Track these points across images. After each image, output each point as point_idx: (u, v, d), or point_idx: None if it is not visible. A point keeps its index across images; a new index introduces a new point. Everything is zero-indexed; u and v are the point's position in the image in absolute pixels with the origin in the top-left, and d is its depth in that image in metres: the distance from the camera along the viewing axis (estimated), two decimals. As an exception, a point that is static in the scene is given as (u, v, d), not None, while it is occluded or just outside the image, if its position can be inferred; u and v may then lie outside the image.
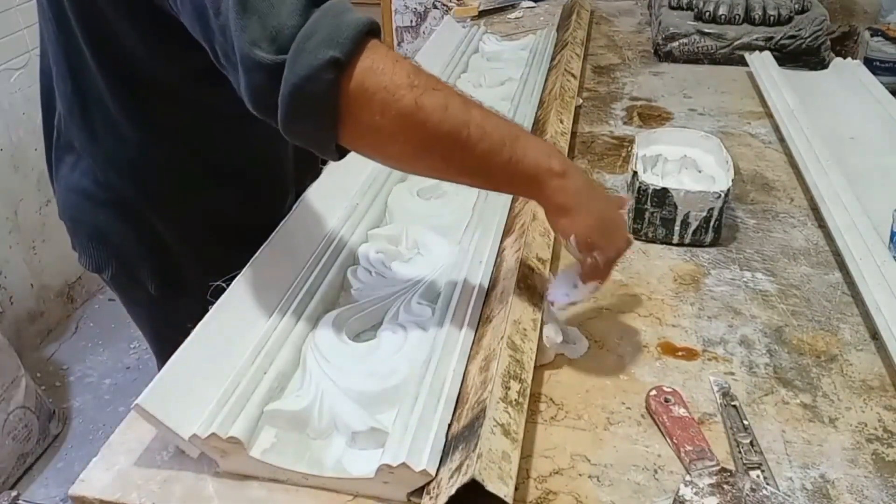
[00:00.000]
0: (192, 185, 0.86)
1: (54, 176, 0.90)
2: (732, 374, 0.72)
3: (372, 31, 0.57)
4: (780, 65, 1.39)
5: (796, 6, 1.52)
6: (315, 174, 0.96)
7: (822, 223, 0.96)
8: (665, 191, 0.89)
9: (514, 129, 0.64)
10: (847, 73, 1.39)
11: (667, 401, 0.66)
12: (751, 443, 0.63)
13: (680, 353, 0.75)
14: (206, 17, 0.59)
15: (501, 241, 0.85)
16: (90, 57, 0.76)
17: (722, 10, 1.52)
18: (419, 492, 0.57)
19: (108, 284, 0.95)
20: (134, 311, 0.99)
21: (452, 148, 0.60)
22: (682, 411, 0.65)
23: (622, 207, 0.73)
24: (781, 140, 1.18)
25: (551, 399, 0.69)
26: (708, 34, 1.52)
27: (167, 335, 0.87)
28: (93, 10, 0.72)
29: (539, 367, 0.72)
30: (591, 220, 0.65)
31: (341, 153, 0.61)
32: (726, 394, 0.69)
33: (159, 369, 0.64)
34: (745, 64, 1.45)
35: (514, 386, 0.61)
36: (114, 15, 0.72)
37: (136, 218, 0.86)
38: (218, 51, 0.60)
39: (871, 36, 2.44)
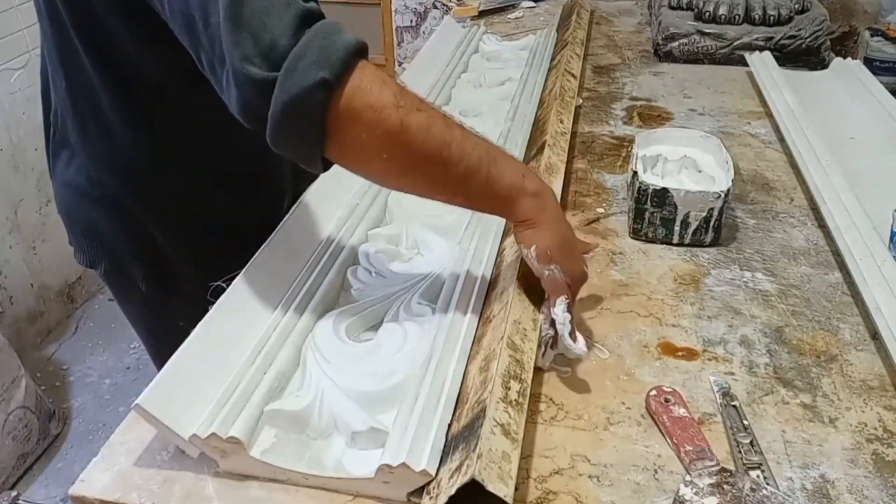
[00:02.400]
0: (183, 185, 0.86)
1: (52, 171, 0.91)
2: (732, 374, 0.72)
3: (360, 52, 0.59)
4: (780, 65, 1.39)
5: (796, 6, 1.52)
6: (312, 176, 0.96)
7: (822, 223, 0.96)
8: (665, 191, 0.89)
9: (493, 150, 0.67)
10: (847, 73, 1.38)
11: (667, 401, 0.66)
12: (751, 443, 0.63)
13: (680, 353, 0.75)
14: (195, 28, 0.60)
15: (501, 241, 0.85)
16: (83, 54, 0.76)
17: (722, 10, 1.52)
18: (419, 492, 0.57)
19: (102, 280, 0.96)
20: (127, 309, 0.99)
21: (434, 166, 0.63)
22: (682, 411, 0.65)
23: (587, 252, 0.80)
24: (781, 140, 1.18)
25: (551, 399, 0.69)
26: (708, 34, 1.52)
27: (160, 334, 0.86)
28: (85, 6, 0.72)
29: (538, 368, 0.72)
30: (552, 236, 0.69)
31: (326, 166, 0.63)
32: (726, 394, 0.69)
33: (155, 367, 0.64)
34: (745, 64, 1.45)
35: (514, 386, 0.61)
36: (104, 11, 0.72)
37: (128, 216, 0.86)
38: (203, 60, 0.61)
39: (871, 36, 2.43)
